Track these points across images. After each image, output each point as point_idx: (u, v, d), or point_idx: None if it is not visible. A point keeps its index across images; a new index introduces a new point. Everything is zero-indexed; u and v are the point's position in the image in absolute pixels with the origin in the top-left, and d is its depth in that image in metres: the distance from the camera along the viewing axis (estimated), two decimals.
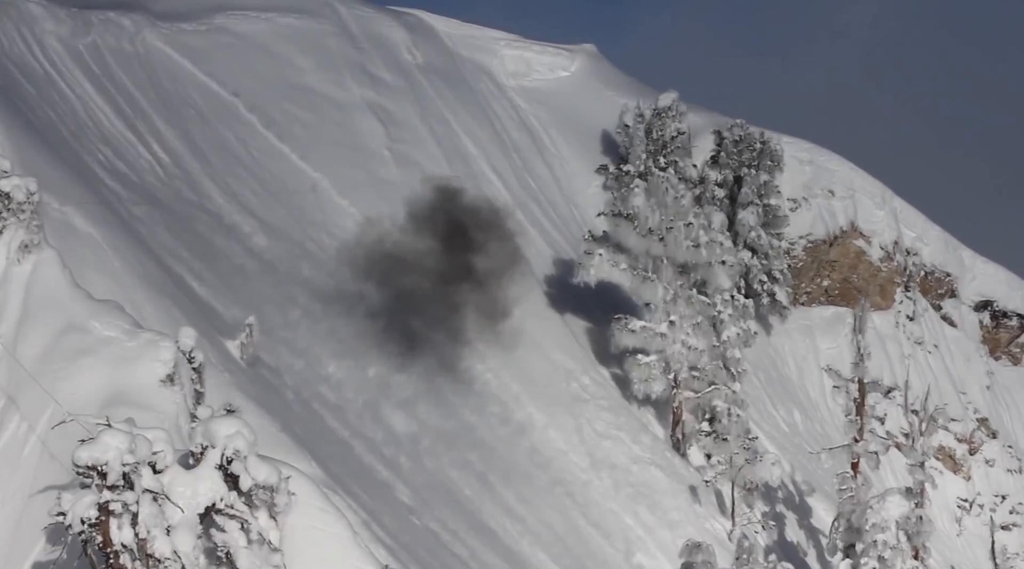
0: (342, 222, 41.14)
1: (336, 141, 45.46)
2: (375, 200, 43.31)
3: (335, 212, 41.82)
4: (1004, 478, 54.31)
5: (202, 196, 36.87)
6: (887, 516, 33.60)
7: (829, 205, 54.81)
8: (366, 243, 38.09)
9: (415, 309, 36.76)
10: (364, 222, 39.99)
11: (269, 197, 40.07)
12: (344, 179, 43.70)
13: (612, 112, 54.68)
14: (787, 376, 50.93)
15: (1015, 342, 57.17)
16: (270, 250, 36.72)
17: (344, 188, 43.27)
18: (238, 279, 33.27)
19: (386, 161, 46.28)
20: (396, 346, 35.44)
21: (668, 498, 38.31)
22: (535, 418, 38.14)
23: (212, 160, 39.52)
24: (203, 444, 17.13)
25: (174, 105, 40.74)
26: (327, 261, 37.98)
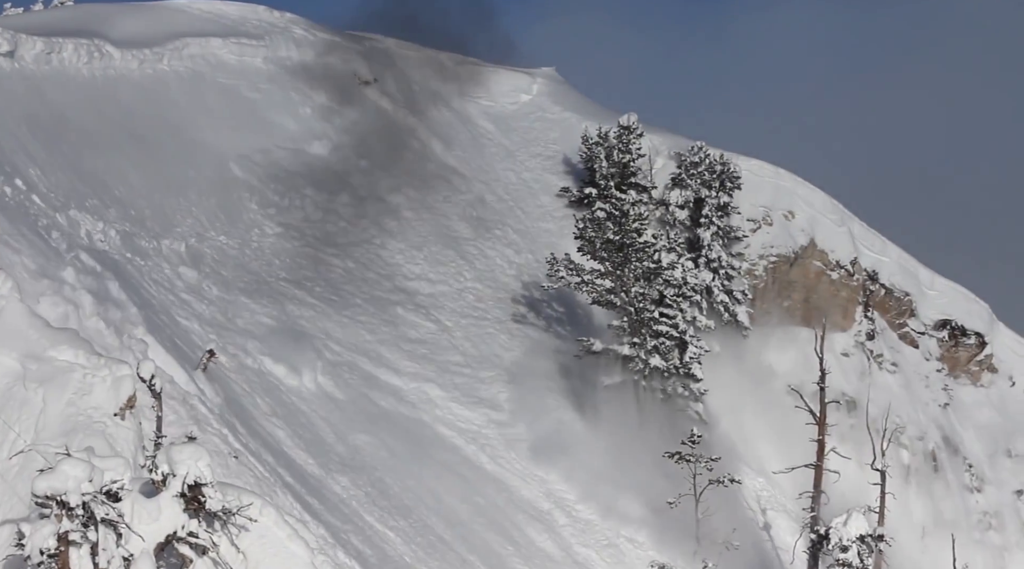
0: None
1: (292, 171, 45.31)
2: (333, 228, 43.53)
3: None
4: (965, 495, 54.67)
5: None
6: (849, 534, 33.67)
7: (789, 226, 55.14)
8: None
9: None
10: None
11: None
12: (306, 213, 43.74)
13: (573, 135, 54.89)
14: (748, 396, 51.06)
15: (974, 360, 57.62)
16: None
17: (301, 218, 43.36)
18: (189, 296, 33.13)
19: (342, 192, 46.19)
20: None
21: (632, 519, 38.35)
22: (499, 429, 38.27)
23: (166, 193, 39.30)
24: (164, 472, 17.05)
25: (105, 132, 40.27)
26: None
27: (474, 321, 43.68)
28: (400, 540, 29.32)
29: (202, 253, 36.51)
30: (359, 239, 44.40)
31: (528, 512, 35.74)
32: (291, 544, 18.54)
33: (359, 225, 45.09)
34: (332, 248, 42.75)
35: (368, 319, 40.06)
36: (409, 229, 46.61)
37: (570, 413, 41.68)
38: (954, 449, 55.20)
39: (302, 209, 43.80)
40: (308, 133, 48.22)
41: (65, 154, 36.38)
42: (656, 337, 42.37)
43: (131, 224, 35.04)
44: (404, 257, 45.08)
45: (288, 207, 43.35)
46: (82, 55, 42.11)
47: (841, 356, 53.32)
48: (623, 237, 42.08)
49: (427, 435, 36.01)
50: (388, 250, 44.60)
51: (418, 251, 45.67)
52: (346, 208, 45.57)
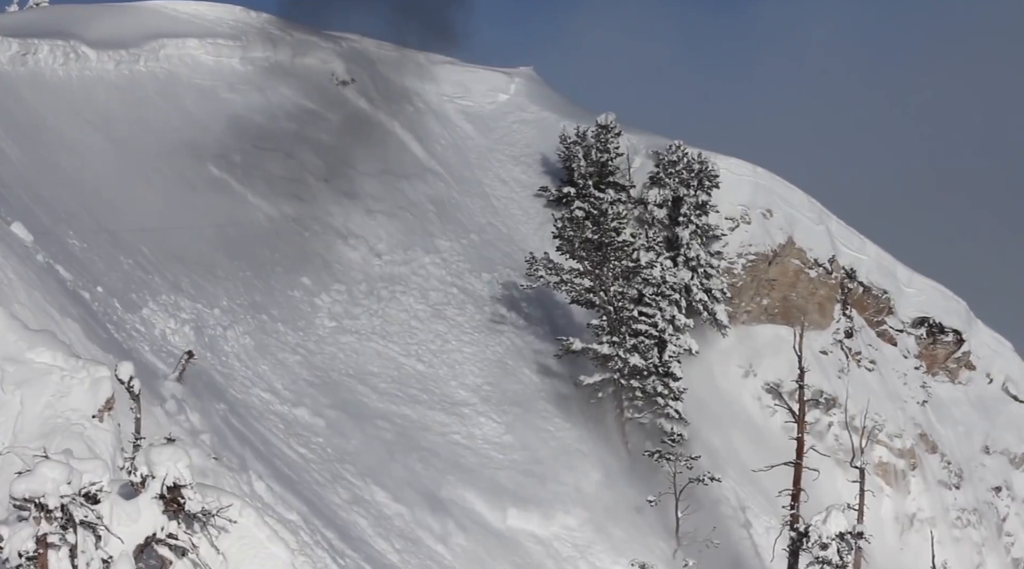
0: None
1: (271, 173, 45.16)
2: (311, 233, 43.45)
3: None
4: (943, 493, 54.92)
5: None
6: (829, 532, 33.74)
7: (767, 224, 55.29)
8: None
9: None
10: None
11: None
12: (283, 214, 43.58)
13: (551, 134, 54.95)
14: (728, 394, 51.22)
15: (952, 358, 57.89)
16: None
17: (280, 218, 43.20)
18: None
19: (324, 195, 46.09)
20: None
21: (612, 518, 38.36)
22: (484, 427, 38.23)
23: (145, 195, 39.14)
24: (143, 474, 16.96)
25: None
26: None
27: (451, 322, 43.59)
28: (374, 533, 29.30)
29: (180, 251, 36.37)
30: (335, 237, 44.30)
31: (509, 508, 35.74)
32: (271, 545, 18.47)
33: (333, 222, 44.97)
34: (307, 244, 42.64)
35: (338, 319, 39.98)
36: (384, 229, 46.52)
37: (550, 411, 41.70)
38: (932, 446, 55.46)
39: (279, 208, 43.68)
40: (285, 133, 48.06)
41: (42, 155, 36.20)
42: (635, 336, 42.44)
43: (107, 223, 34.88)
44: (378, 257, 44.97)
45: (265, 205, 43.22)
46: (58, 56, 41.92)
47: (819, 354, 53.50)
48: (602, 236, 42.13)
49: (407, 433, 35.96)
50: (358, 251, 44.49)
51: (396, 252, 45.58)
52: (323, 204, 45.48)
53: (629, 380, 41.99)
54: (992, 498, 56.12)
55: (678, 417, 42.55)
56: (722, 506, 43.48)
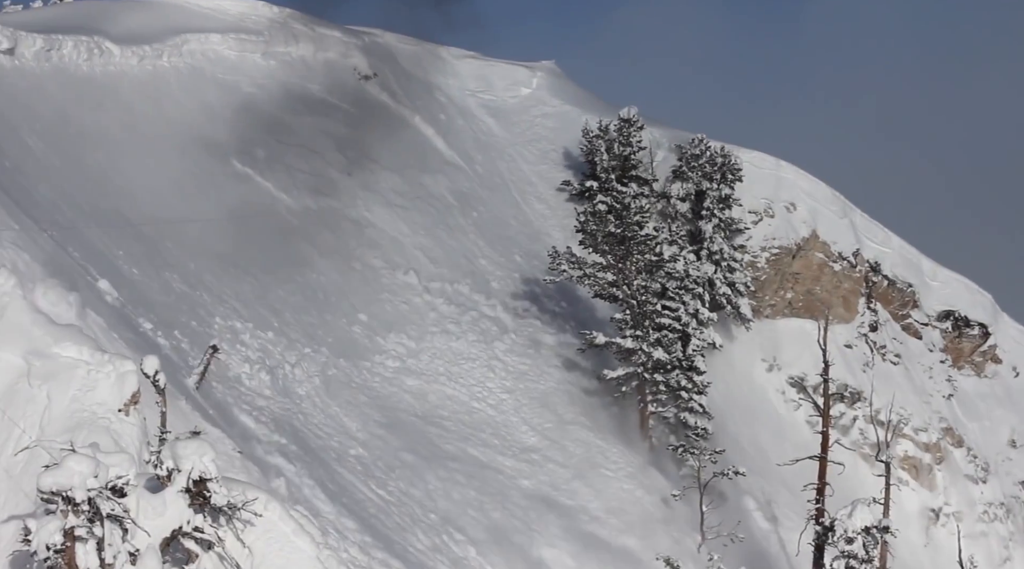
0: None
1: (294, 167, 45.21)
2: (333, 227, 43.52)
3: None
4: (970, 487, 54.62)
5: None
6: (854, 526, 33.62)
7: (790, 217, 55.08)
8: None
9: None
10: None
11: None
12: (305, 207, 43.63)
13: (573, 128, 54.85)
14: (752, 388, 51.06)
15: (977, 351, 57.57)
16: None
17: (304, 212, 43.26)
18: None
19: (347, 189, 46.10)
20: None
21: (637, 512, 38.31)
22: (514, 429, 38.23)
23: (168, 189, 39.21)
24: (169, 467, 17.00)
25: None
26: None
27: (476, 316, 43.55)
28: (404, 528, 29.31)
29: (204, 245, 36.44)
30: (357, 234, 44.31)
31: (536, 503, 35.70)
32: (296, 538, 18.49)
33: (356, 218, 44.99)
34: (329, 239, 42.66)
35: (363, 316, 39.99)
36: (406, 223, 46.51)
37: (574, 407, 41.66)
38: (958, 440, 55.16)
39: (301, 202, 43.71)
40: (307, 127, 48.11)
41: (66, 150, 36.31)
42: (659, 330, 42.33)
43: (132, 218, 34.97)
44: (400, 252, 44.98)
45: (287, 199, 43.26)
46: (82, 52, 42.04)
47: (844, 348, 53.26)
48: (624, 230, 42.02)
49: (426, 423, 35.95)
50: (381, 248, 44.48)
51: (418, 250, 45.57)
52: (346, 198, 45.49)
53: (653, 374, 41.89)
54: (1019, 492, 55.77)
55: (702, 411, 42.42)
56: (747, 500, 43.35)
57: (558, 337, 44.48)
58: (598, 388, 42.67)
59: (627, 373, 41.71)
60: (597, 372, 42.68)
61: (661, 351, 41.91)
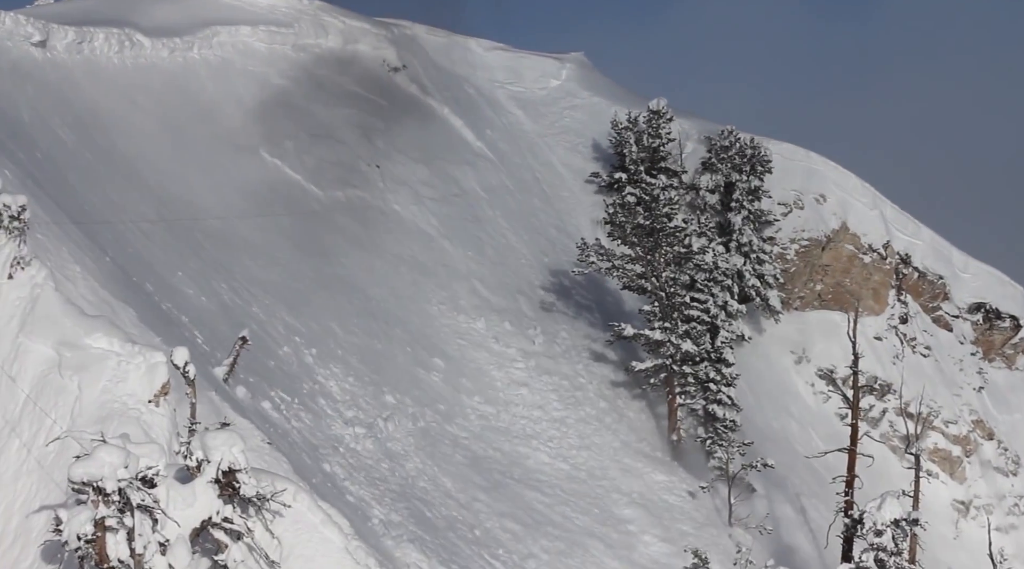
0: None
1: (323, 159, 45.31)
2: (362, 219, 43.67)
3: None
4: (1000, 480, 54.31)
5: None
6: (883, 519, 33.50)
7: (820, 209, 54.84)
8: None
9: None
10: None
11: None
12: (335, 200, 43.73)
13: (602, 120, 54.76)
14: (781, 380, 50.91)
15: (1008, 343, 57.20)
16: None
17: (332, 204, 43.36)
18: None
19: (376, 181, 46.19)
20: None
21: (665, 504, 38.29)
22: (533, 421, 38.21)
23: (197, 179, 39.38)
24: (199, 458, 17.10)
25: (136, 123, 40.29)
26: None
27: (500, 310, 43.59)
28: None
29: (230, 237, 36.59)
30: (386, 221, 44.41)
31: (563, 491, 35.73)
32: (325, 529, 18.58)
33: (385, 210, 45.09)
34: (360, 233, 42.76)
35: (392, 307, 40.08)
36: (435, 216, 46.57)
37: (602, 398, 41.67)
38: (989, 433, 54.84)
39: (331, 193, 43.83)
40: (337, 119, 48.23)
41: (97, 142, 36.52)
42: (687, 322, 42.27)
43: (162, 208, 35.17)
44: (429, 241, 45.04)
45: (316, 191, 43.39)
46: (113, 44, 42.26)
47: (874, 340, 53.02)
48: (653, 222, 41.95)
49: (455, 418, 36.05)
50: (408, 235, 44.55)
51: (448, 241, 45.63)
52: (375, 190, 45.60)
53: (681, 366, 41.83)
54: None
55: (730, 403, 42.35)
56: (775, 492, 43.27)
57: (585, 329, 44.46)
58: (626, 380, 42.67)
59: (655, 365, 41.67)
60: (625, 364, 42.67)
61: (690, 343, 41.85)
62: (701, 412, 42.34)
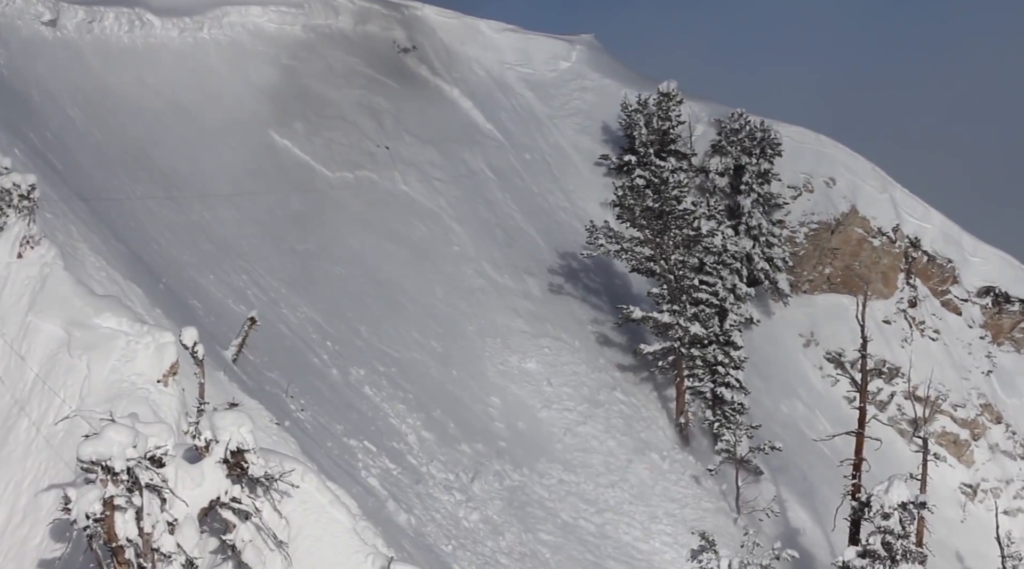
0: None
1: (333, 140, 45.28)
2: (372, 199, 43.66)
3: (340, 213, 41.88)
4: (1008, 463, 54.30)
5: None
6: (891, 502, 33.53)
7: (830, 192, 54.77)
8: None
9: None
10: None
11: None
12: (344, 181, 43.71)
13: (612, 102, 54.67)
14: (789, 363, 50.92)
15: (1018, 327, 57.10)
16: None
17: (342, 185, 43.38)
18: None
19: (385, 162, 46.15)
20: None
21: (673, 486, 38.34)
22: (544, 403, 38.28)
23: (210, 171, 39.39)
24: (208, 438, 17.11)
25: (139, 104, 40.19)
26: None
27: (506, 292, 43.60)
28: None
29: (239, 218, 36.64)
30: (396, 202, 44.43)
31: (569, 477, 35.79)
32: (333, 510, 18.58)
33: (394, 191, 45.08)
34: (369, 214, 42.78)
35: (409, 289, 40.14)
36: (444, 197, 46.55)
37: (610, 379, 41.70)
38: (997, 417, 54.81)
39: (340, 174, 43.83)
40: (346, 100, 48.21)
41: (107, 122, 36.55)
42: (696, 304, 42.25)
43: (171, 188, 35.21)
44: (438, 223, 45.04)
45: (326, 172, 43.41)
46: (123, 24, 42.25)
47: (883, 323, 52.98)
48: (663, 204, 41.91)
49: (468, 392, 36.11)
50: (420, 218, 44.55)
51: (457, 223, 45.62)
52: (384, 171, 45.57)
53: (690, 349, 41.83)
54: None
55: (739, 386, 42.36)
56: (783, 475, 43.31)
57: (593, 313, 44.47)
58: (634, 363, 42.69)
59: (663, 348, 41.67)
60: (633, 347, 42.68)
61: (698, 326, 41.85)
62: (709, 395, 42.36)
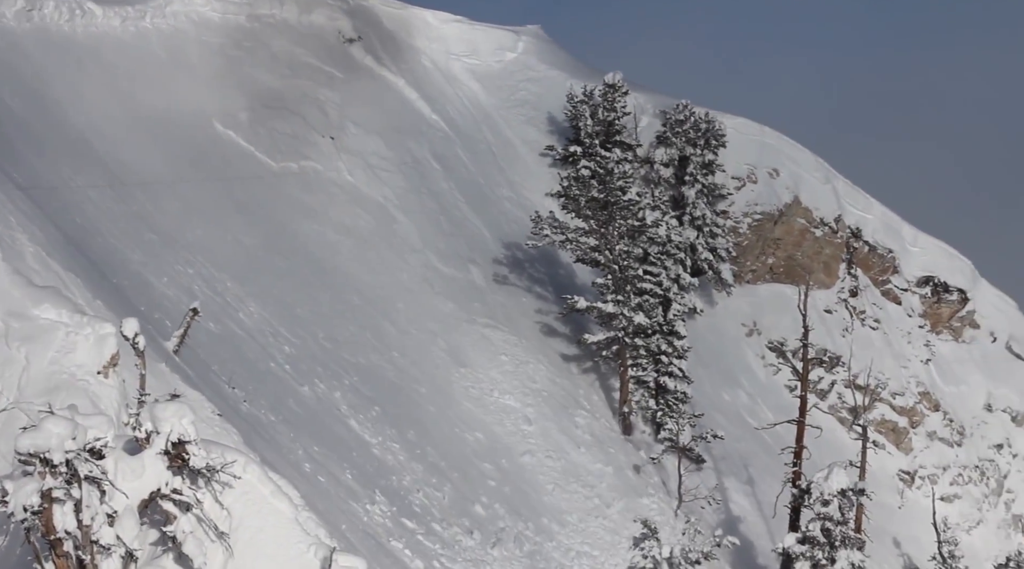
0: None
1: (277, 130, 45.11)
2: (316, 190, 43.52)
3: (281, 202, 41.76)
4: (945, 450, 55.13)
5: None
6: (831, 489, 34.03)
7: (773, 183, 55.28)
8: None
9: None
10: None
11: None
12: (289, 171, 43.59)
13: (558, 93, 54.82)
14: (732, 353, 51.39)
15: (956, 316, 57.94)
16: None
17: (287, 175, 43.25)
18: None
19: (330, 152, 46.05)
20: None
21: (616, 476, 38.61)
22: (480, 391, 38.34)
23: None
24: (148, 429, 17.09)
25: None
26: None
27: (450, 280, 43.68)
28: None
29: (182, 208, 36.45)
30: (340, 192, 44.36)
31: (513, 461, 35.94)
32: (275, 500, 18.59)
33: (340, 179, 45.02)
34: (313, 203, 42.71)
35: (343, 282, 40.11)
36: (390, 187, 46.52)
37: (554, 369, 41.90)
38: (935, 404, 55.63)
39: (284, 165, 43.70)
40: (291, 90, 48.05)
41: (48, 111, 36.26)
42: (640, 294, 42.52)
43: (114, 178, 34.97)
44: (383, 214, 45.04)
45: (271, 163, 43.26)
46: (63, 12, 41.88)
47: (824, 313, 53.62)
48: (608, 195, 42.14)
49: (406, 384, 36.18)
50: (365, 208, 44.53)
51: (402, 213, 45.64)
52: (329, 162, 45.46)
53: (633, 338, 42.11)
54: (994, 455, 56.35)
55: (682, 375, 42.71)
56: (725, 463, 43.73)
57: (537, 303, 44.65)
58: (578, 353, 42.92)
59: (608, 338, 41.94)
60: (577, 337, 42.91)
61: (642, 316, 42.12)
62: (652, 384, 42.67)
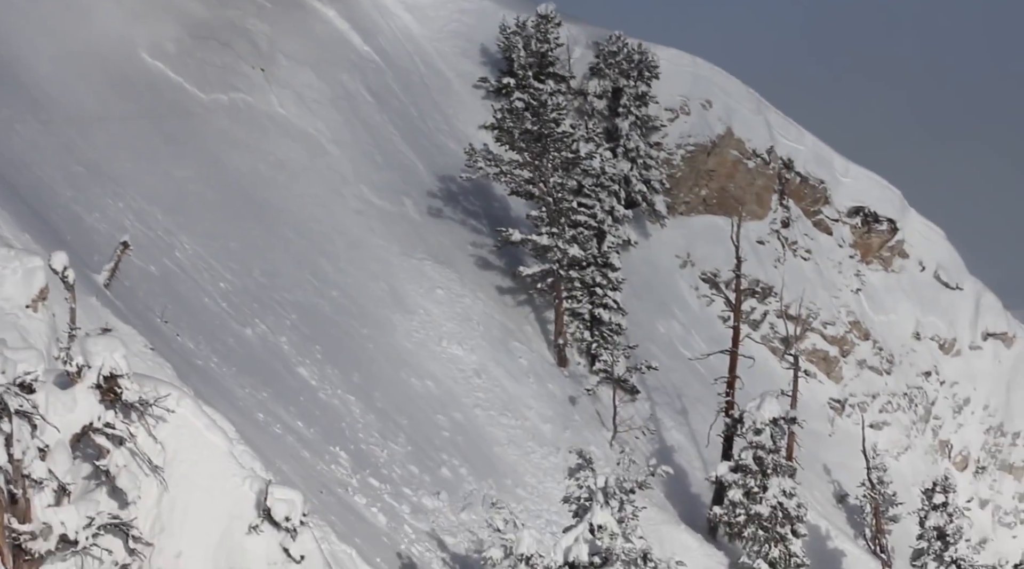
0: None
1: (206, 62, 44.48)
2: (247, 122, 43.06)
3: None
4: (874, 379, 56.08)
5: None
6: (763, 418, 34.54)
7: (706, 115, 55.42)
8: None
9: None
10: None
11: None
12: (219, 103, 43.05)
13: (491, 24, 54.43)
14: (666, 284, 51.74)
15: (886, 246, 58.70)
16: None
17: (216, 108, 42.75)
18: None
19: (260, 84, 45.48)
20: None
21: (550, 408, 38.88)
22: (422, 326, 38.39)
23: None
24: (80, 363, 16.96)
25: None
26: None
27: (384, 214, 43.53)
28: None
29: (110, 141, 35.95)
30: (272, 125, 43.94)
31: (449, 395, 36.08)
32: (209, 434, 18.56)
33: (272, 112, 44.56)
34: (245, 137, 42.26)
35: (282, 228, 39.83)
36: (322, 120, 46.12)
37: (490, 303, 42.00)
38: (865, 333, 56.48)
39: (214, 97, 43.14)
40: (220, 21, 47.30)
41: None
42: (574, 227, 42.59)
43: (40, 111, 34.40)
44: (315, 146, 44.69)
45: (201, 96, 42.69)
46: None
47: (756, 244, 54.09)
48: (541, 127, 42.04)
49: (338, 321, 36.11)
50: (297, 141, 44.15)
51: (335, 145, 45.30)
52: (259, 94, 44.94)
53: (568, 271, 42.23)
54: (922, 383, 57.43)
55: (616, 307, 42.92)
56: (659, 394, 44.16)
57: (472, 236, 44.63)
58: (513, 286, 43.02)
59: (542, 270, 42.03)
60: (512, 269, 42.98)
61: (576, 248, 42.21)
62: (587, 316, 42.88)
